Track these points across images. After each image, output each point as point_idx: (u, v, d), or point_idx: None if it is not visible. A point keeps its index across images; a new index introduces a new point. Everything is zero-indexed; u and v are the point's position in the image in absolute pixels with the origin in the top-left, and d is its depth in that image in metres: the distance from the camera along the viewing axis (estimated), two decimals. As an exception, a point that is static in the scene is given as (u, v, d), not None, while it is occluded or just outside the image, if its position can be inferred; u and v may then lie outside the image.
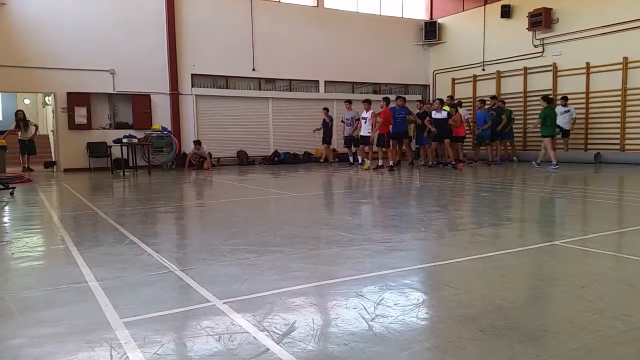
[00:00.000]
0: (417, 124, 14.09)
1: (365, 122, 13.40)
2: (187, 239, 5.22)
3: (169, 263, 3.77)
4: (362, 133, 13.58)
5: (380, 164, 12.89)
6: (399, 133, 13.48)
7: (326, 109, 15.53)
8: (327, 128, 15.39)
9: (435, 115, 13.33)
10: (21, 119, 14.14)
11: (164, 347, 2.29)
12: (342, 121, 14.99)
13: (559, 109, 13.89)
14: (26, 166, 14.09)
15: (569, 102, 14.08)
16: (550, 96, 13.54)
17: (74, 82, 13.99)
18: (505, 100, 15.34)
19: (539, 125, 12.41)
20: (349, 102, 14.84)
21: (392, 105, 13.36)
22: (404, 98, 13.84)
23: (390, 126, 13.11)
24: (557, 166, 11.93)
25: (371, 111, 13.35)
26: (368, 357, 2.16)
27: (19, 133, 14.07)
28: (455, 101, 14.87)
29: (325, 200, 8.04)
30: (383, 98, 13.16)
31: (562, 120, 13.68)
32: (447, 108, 13.71)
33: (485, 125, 13.93)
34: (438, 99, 15.36)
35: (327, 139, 15.48)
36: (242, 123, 16.27)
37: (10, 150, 13.34)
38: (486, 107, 14.50)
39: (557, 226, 5.47)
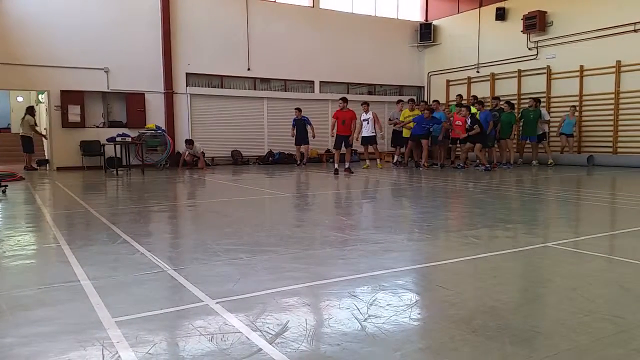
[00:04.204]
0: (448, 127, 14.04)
1: (367, 123, 13.50)
2: (180, 238, 5.20)
3: (161, 262, 3.76)
4: (363, 134, 13.61)
5: (347, 166, 12.34)
6: (418, 135, 13.84)
7: (298, 109, 15.30)
8: (300, 128, 15.26)
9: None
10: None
11: (156, 346, 2.28)
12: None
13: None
14: (26, 164, 14.16)
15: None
16: (513, 101, 14.40)
17: (68, 80, 13.92)
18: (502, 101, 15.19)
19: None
20: (366, 103, 14.03)
21: (419, 115, 13.93)
22: (432, 109, 13.91)
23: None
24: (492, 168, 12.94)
25: (371, 112, 13.53)
26: (360, 357, 2.16)
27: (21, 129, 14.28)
28: (468, 100, 14.98)
29: (319, 201, 8.04)
30: (341, 98, 12.52)
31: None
32: (473, 109, 13.50)
33: (488, 127, 13.57)
34: (435, 101, 15.38)
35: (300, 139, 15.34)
36: (236, 123, 16.24)
37: (17, 148, 13.51)
38: (486, 108, 14.17)
39: (550, 228, 5.49)
